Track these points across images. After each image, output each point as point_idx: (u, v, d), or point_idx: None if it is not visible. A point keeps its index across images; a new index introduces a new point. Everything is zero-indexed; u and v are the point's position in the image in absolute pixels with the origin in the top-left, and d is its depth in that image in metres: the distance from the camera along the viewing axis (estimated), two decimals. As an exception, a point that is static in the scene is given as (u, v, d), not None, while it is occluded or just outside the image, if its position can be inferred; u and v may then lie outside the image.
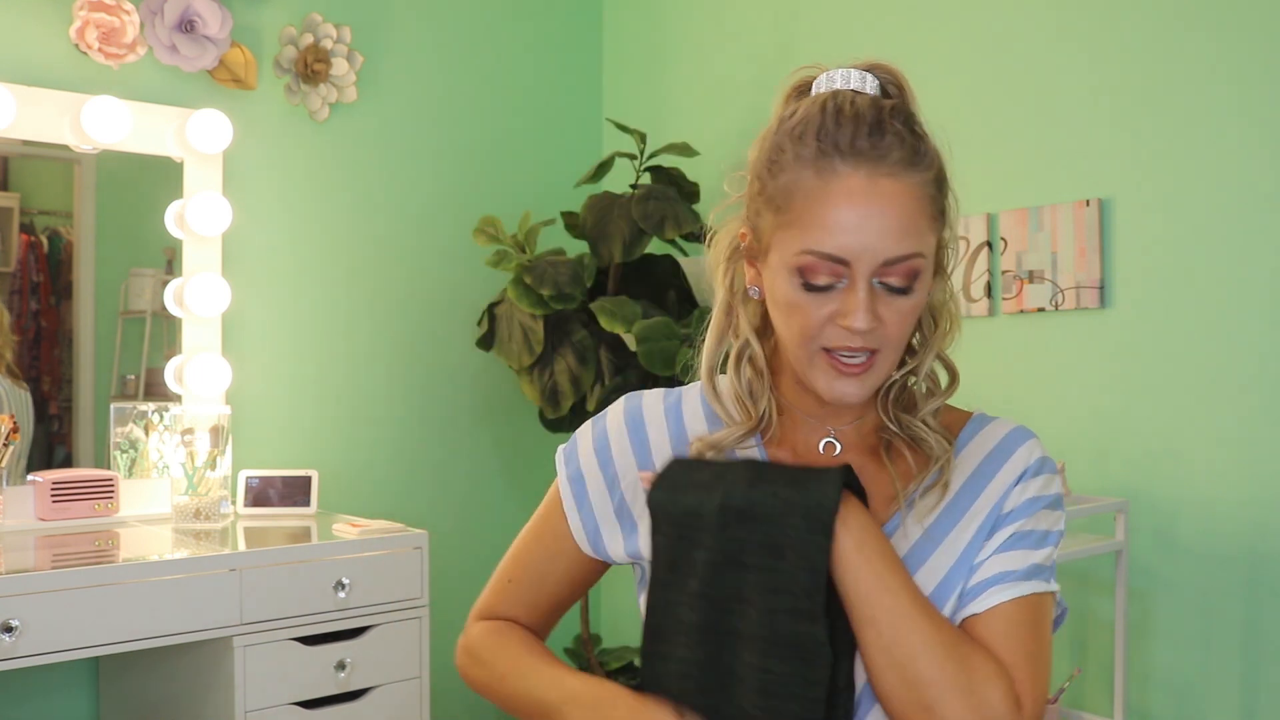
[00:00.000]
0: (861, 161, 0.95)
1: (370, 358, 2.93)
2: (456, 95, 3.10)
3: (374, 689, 2.23)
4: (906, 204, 0.96)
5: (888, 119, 0.97)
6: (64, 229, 2.50)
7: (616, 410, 1.16)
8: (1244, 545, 2.10)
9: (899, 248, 0.95)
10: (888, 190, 0.95)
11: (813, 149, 0.97)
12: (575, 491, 1.14)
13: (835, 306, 0.97)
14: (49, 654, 1.87)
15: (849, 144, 0.96)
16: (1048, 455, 1.09)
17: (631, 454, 1.12)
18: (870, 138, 0.96)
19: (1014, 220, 2.42)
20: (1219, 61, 2.13)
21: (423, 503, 3.00)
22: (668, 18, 3.25)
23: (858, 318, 0.95)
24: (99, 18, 2.43)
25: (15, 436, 2.30)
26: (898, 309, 0.98)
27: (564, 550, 1.15)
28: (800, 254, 0.96)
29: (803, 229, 0.96)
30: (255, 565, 2.08)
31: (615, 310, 2.60)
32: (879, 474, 1.07)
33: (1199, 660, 2.15)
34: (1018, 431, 1.09)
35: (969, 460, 1.08)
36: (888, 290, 0.97)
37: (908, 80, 1.04)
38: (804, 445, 1.10)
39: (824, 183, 0.96)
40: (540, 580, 1.17)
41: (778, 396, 1.09)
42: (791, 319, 1.00)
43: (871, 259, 0.95)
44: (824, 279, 0.96)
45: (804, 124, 0.99)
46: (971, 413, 1.13)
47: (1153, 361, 2.22)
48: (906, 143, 0.97)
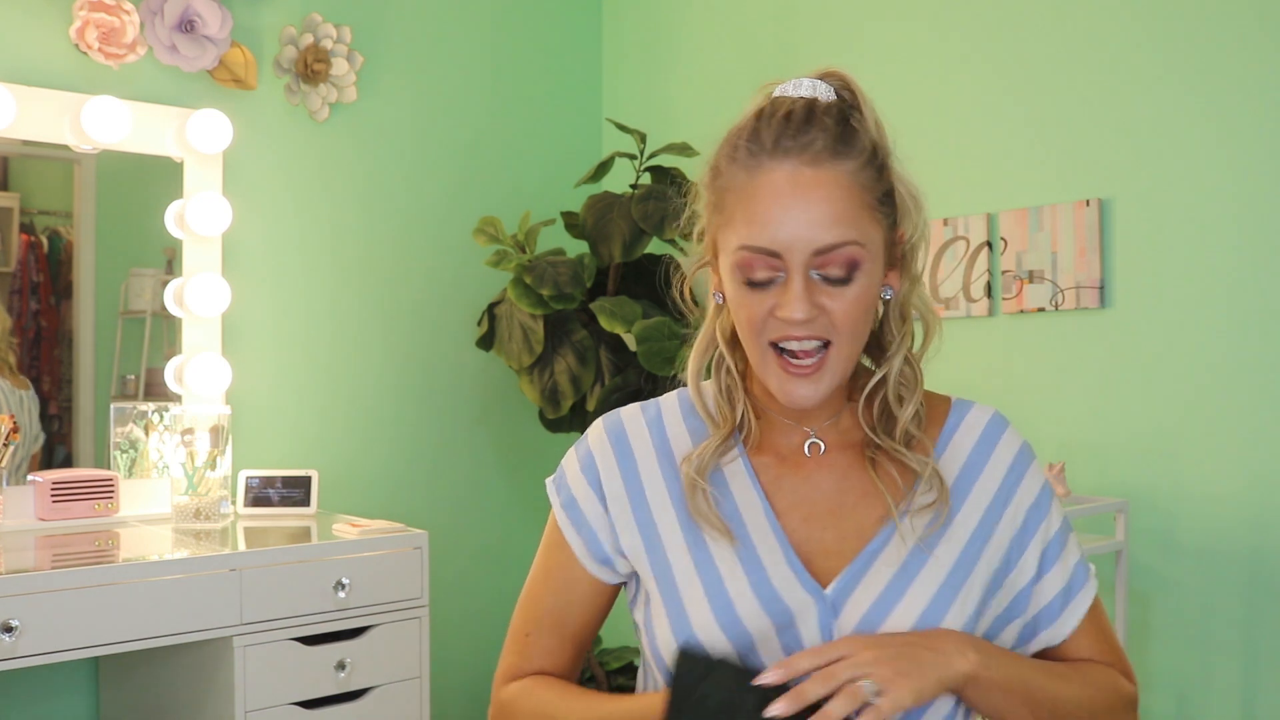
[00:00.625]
0: (786, 155, 0.97)
1: (370, 358, 2.93)
2: (456, 95, 3.10)
3: (374, 689, 2.23)
4: (833, 191, 0.97)
5: (819, 115, 0.99)
6: (64, 229, 2.50)
7: (597, 430, 1.15)
8: (1244, 545, 2.10)
9: (828, 235, 0.96)
10: (810, 179, 0.97)
11: (744, 150, 1.00)
12: (572, 518, 1.13)
13: (774, 300, 0.99)
14: (49, 654, 1.87)
15: (774, 141, 0.98)
16: (1022, 438, 1.13)
17: (618, 470, 1.12)
18: (796, 134, 0.98)
19: (1014, 220, 2.42)
20: (1219, 62, 2.13)
21: (423, 503, 3.00)
22: (668, 18, 3.25)
23: (792, 307, 0.97)
24: (99, 18, 2.43)
25: (15, 436, 2.30)
26: (841, 298, 0.98)
27: (575, 581, 1.13)
28: (737, 250, 0.99)
29: (736, 227, 0.99)
30: (255, 565, 2.08)
31: (615, 310, 2.60)
32: (867, 483, 1.07)
33: (1199, 660, 2.15)
34: (994, 421, 1.12)
35: (955, 458, 1.09)
36: (827, 281, 0.98)
37: (860, 86, 1.04)
38: (786, 448, 1.10)
39: (751, 178, 0.98)
40: (558, 623, 1.14)
41: (754, 400, 1.11)
42: (739, 316, 1.02)
43: (803, 248, 0.96)
44: (761, 274, 0.99)
45: (740, 130, 1.02)
46: (950, 398, 1.14)
47: (1153, 361, 2.22)
48: (830, 132, 0.98)
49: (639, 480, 1.11)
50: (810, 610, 1.02)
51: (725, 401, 1.09)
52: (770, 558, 1.04)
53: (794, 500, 1.08)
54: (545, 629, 1.14)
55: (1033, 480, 1.10)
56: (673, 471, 1.10)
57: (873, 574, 1.03)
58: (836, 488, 1.08)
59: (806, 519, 1.06)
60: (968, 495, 1.08)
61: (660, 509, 1.09)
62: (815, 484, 1.08)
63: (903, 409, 1.06)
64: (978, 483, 1.08)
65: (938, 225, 2.53)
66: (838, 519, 1.06)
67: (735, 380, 1.09)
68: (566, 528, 1.13)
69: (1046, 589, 1.08)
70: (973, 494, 1.08)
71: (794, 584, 1.02)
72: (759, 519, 1.06)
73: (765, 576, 1.03)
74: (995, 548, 1.06)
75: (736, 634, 1.01)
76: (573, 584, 1.13)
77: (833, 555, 1.05)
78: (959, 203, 2.52)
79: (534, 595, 1.15)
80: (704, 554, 1.05)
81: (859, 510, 1.06)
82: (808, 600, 1.02)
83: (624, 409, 1.16)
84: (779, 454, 1.10)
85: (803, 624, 1.01)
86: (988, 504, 1.07)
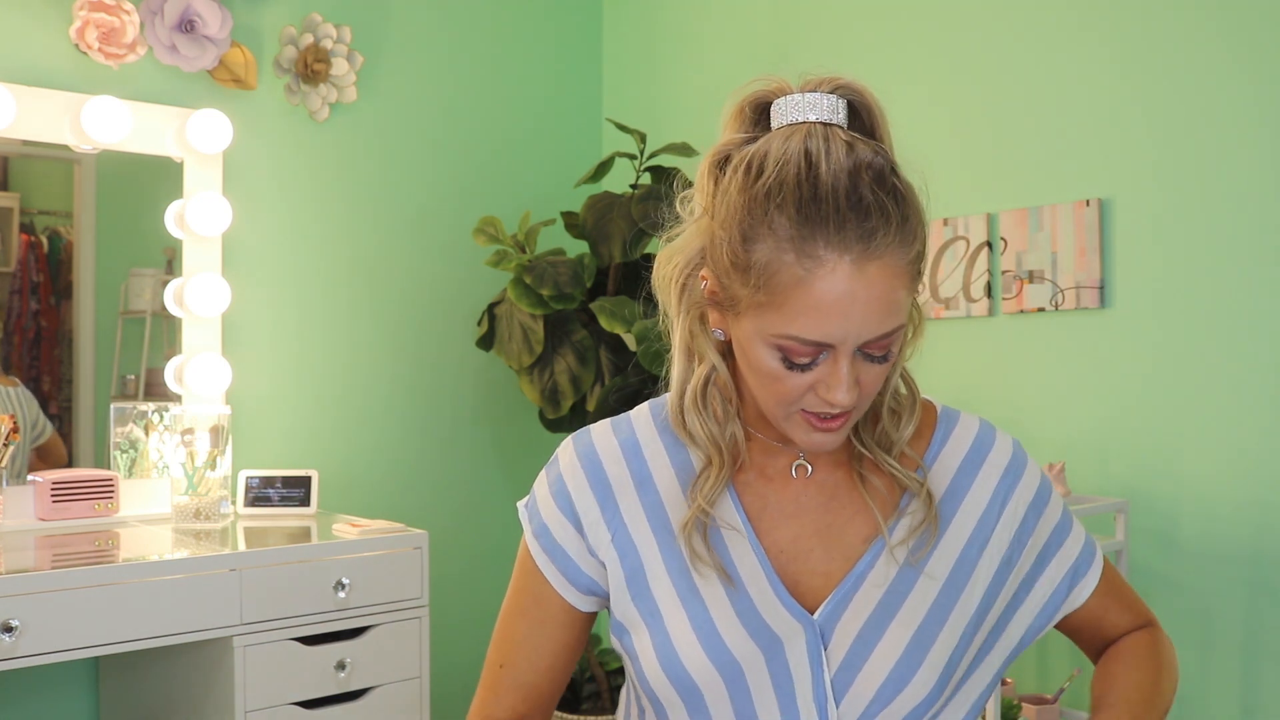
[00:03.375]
0: (847, 248, 0.88)
1: (370, 357, 2.93)
2: (456, 95, 3.10)
3: (374, 689, 2.23)
4: (894, 284, 0.90)
5: (870, 187, 0.89)
6: (64, 229, 2.50)
7: (567, 452, 1.10)
8: (1244, 545, 2.10)
9: (883, 326, 0.91)
10: (874, 275, 0.89)
11: (792, 222, 0.89)
12: (545, 545, 1.08)
13: (815, 376, 0.93)
14: (49, 654, 1.87)
15: (834, 229, 0.88)
16: (1012, 441, 1.11)
17: (591, 493, 1.07)
18: (856, 220, 0.88)
19: (1014, 220, 2.42)
20: (1219, 61, 2.13)
21: (423, 503, 3.00)
22: (667, 18, 3.25)
23: (841, 393, 0.92)
24: (99, 18, 2.43)
25: (15, 436, 2.30)
26: (876, 373, 0.95)
27: (549, 610, 1.09)
28: (782, 337, 0.92)
29: (785, 315, 0.91)
30: (255, 565, 2.08)
31: (615, 310, 2.60)
32: (855, 500, 1.05)
33: (1199, 660, 2.15)
34: (983, 431, 1.10)
35: (944, 471, 1.07)
36: (868, 359, 0.94)
37: (876, 99, 0.96)
38: (772, 467, 1.06)
39: (807, 271, 0.89)
40: (533, 653, 1.09)
41: (743, 421, 1.06)
42: (769, 386, 0.96)
43: (856, 339, 0.91)
44: (805, 359, 0.92)
45: (779, 189, 0.90)
46: (935, 407, 1.11)
47: (1153, 361, 2.22)
48: (892, 222, 0.89)
49: (615, 504, 1.06)
50: (798, 636, 0.99)
51: (719, 432, 1.04)
52: (755, 585, 1.01)
53: (779, 522, 1.04)
54: (520, 661, 1.09)
55: (1030, 477, 1.09)
56: (651, 493, 1.06)
57: (861, 596, 1.01)
58: (824, 507, 1.04)
59: (793, 540, 1.03)
60: (959, 506, 1.05)
61: (639, 533, 1.05)
62: (801, 504, 1.05)
63: (900, 427, 1.04)
64: (969, 493, 1.06)
65: (938, 225, 2.53)
66: (824, 539, 1.03)
67: (732, 402, 1.05)
68: (539, 555, 1.08)
69: (1056, 571, 1.09)
70: (964, 504, 1.05)
71: (780, 611, 1.00)
72: (743, 547, 1.02)
73: (751, 604, 1.00)
74: (995, 549, 1.05)
75: (724, 663, 0.99)
76: (547, 612, 1.09)
77: (819, 576, 1.02)
78: (959, 203, 2.52)
79: (508, 626, 1.11)
80: (687, 580, 1.02)
81: (847, 529, 1.04)
82: (795, 627, 0.99)
83: (594, 427, 1.11)
84: (764, 473, 1.06)
85: (791, 650, 0.99)
86: (981, 513, 1.05)
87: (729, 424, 1.04)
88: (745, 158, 0.94)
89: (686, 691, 1.00)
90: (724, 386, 1.04)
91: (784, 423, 0.98)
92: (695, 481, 1.04)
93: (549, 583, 1.08)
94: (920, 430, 1.08)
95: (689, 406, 1.04)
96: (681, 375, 1.05)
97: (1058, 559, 1.10)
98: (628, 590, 1.04)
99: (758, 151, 0.93)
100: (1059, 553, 1.10)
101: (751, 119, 0.98)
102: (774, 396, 0.96)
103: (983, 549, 1.04)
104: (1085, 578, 1.11)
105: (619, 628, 1.07)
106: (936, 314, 2.52)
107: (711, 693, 0.99)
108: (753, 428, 1.06)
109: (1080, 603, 1.11)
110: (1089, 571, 1.11)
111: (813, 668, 0.99)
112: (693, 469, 1.06)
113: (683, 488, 1.05)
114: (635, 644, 1.04)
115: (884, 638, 0.99)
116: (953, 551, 1.03)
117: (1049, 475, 2.12)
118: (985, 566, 1.04)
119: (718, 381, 1.04)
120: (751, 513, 1.05)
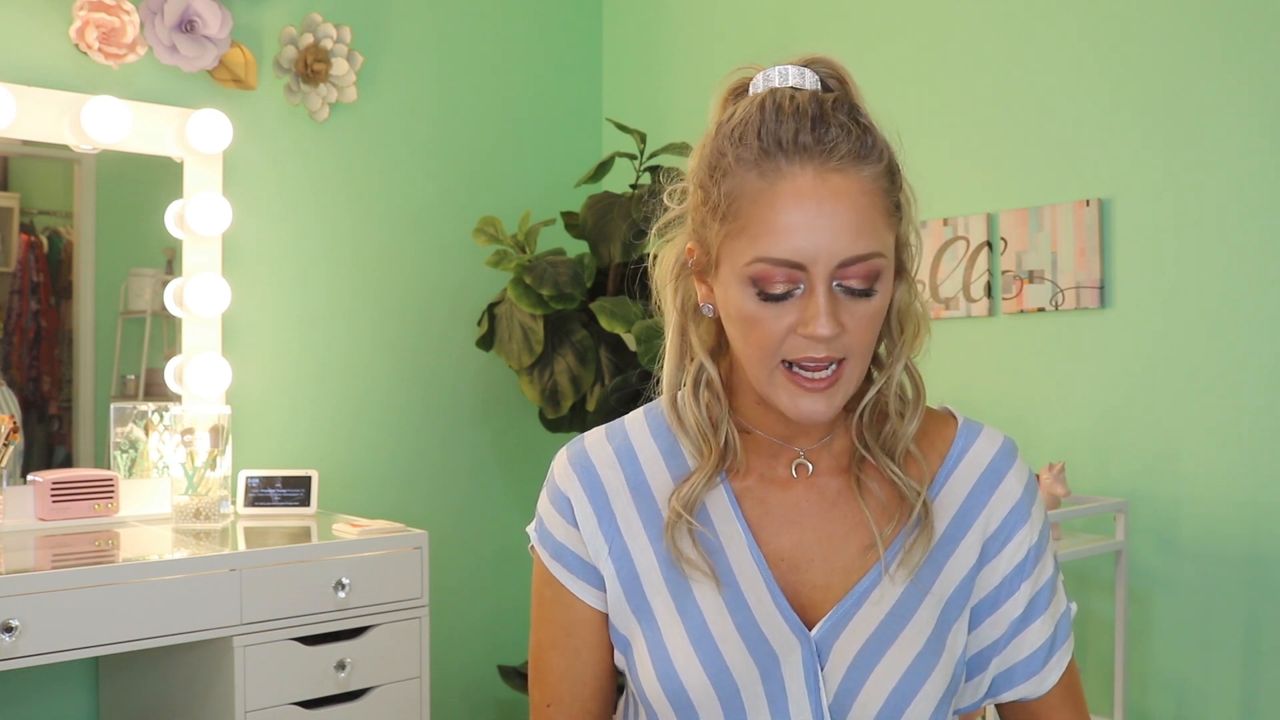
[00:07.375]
0: (808, 158, 0.89)
1: (370, 357, 2.93)
2: (456, 95, 3.10)
3: (374, 689, 2.23)
4: (859, 200, 0.89)
5: (830, 111, 0.91)
6: (64, 229, 2.50)
7: (560, 462, 1.09)
8: (1244, 546, 2.10)
9: (855, 246, 0.89)
10: (838, 186, 0.89)
11: (754, 149, 0.91)
12: (561, 559, 1.07)
13: (794, 316, 0.91)
14: (49, 654, 1.87)
15: (792, 140, 0.89)
16: (1030, 471, 1.07)
17: (588, 503, 1.05)
18: (814, 132, 0.90)
19: (1014, 220, 2.42)
20: (1219, 61, 2.13)
21: (423, 503, 3.00)
22: (667, 18, 3.25)
23: (820, 323, 0.89)
24: (99, 18, 2.43)
25: (15, 437, 2.30)
26: (860, 313, 0.92)
27: (583, 636, 1.06)
28: (752, 262, 0.90)
29: (752, 236, 0.90)
30: (255, 565, 2.08)
31: (615, 310, 2.60)
32: (856, 509, 1.01)
33: (1199, 660, 2.15)
34: (1004, 451, 1.06)
35: (959, 487, 1.03)
36: (848, 294, 0.91)
37: (849, 72, 0.97)
38: (771, 470, 1.04)
39: (769, 184, 0.90)
40: (576, 684, 1.07)
41: (738, 420, 1.03)
42: (750, 333, 0.93)
43: (828, 260, 0.89)
44: (780, 286, 0.90)
45: (743, 124, 0.93)
46: (957, 419, 1.07)
47: (1153, 361, 2.22)
48: (853, 134, 0.90)
49: (610, 512, 1.05)
50: (795, 652, 0.97)
51: (709, 427, 1.02)
52: (755, 596, 0.98)
53: (779, 529, 1.02)
54: (565, 696, 1.07)
55: (1036, 518, 1.04)
56: (648, 502, 1.04)
57: (862, 616, 0.98)
58: (825, 516, 1.02)
59: (794, 549, 1.01)
60: (970, 526, 1.02)
61: (635, 543, 1.03)
62: (802, 511, 1.02)
63: (904, 424, 1.00)
64: (982, 513, 1.02)
65: (938, 225, 2.53)
66: (825, 551, 1.01)
67: (722, 399, 1.02)
68: (560, 572, 1.07)
69: (1031, 637, 1.03)
70: (975, 525, 1.02)
71: (779, 623, 0.97)
72: (742, 553, 1.00)
73: (751, 617, 0.98)
74: (988, 579, 1.02)
75: (721, 681, 0.97)
76: (580, 638, 1.07)
77: (819, 589, 1.00)
78: (959, 203, 2.52)
79: (544, 663, 1.08)
80: (685, 593, 1.00)
81: (848, 542, 1.01)
82: (793, 642, 0.97)
83: (588, 436, 1.10)
84: (763, 477, 1.04)
85: (787, 667, 0.96)
86: (988, 538, 1.02)
87: (722, 422, 1.02)
88: (718, 122, 0.97)
89: (682, 708, 0.98)
90: (713, 383, 1.02)
91: (769, 387, 0.95)
92: (683, 480, 1.02)
93: (574, 595, 1.06)
94: (938, 440, 1.05)
95: (685, 394, 1.03)
96: (673, 373, 1.04)
97: (1038, 624, 1.03)
98: (626, 602, 1.03)
99: (730, 114, 0.97)
100: (1037, 624, 1.03)
101: (732, 102, 1.01)
102: (757, 347, 0.94)
103: (980, 573, 1.02)
104: (1050, 666, 1.04)
105: (621, 641, 1.05)
106: (936, 314, 2.52)
107: (706, 711, 0.97)
108: (747, 422, 1.04)
109: (1040, 693, 1.04)
110: (1055, 659, 1.04)
111: (809, 690, 0.96)
112: (688, 473, 1.04)
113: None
114: (634, 656, 1.02)
115: (882, 661, 0.96)
116: (958, 572, 1.01)
117: (1049, 475, 2.12)
118: (978, 594, 1.02)
119: (709, 382, 1.02)
120: (751, 519, 1.02)
